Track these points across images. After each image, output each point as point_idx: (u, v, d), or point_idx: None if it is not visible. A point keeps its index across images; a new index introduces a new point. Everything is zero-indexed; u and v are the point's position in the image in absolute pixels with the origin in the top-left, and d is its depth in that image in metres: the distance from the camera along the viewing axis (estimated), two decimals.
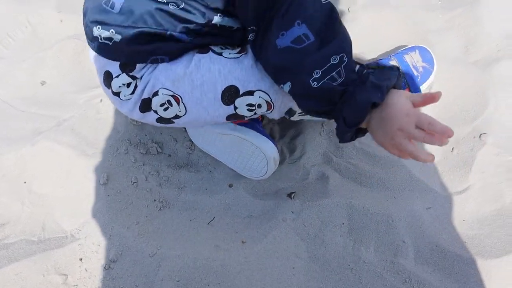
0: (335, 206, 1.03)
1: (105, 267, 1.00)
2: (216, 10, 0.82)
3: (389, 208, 1.03)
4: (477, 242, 1.02)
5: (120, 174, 1.11)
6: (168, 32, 0.82)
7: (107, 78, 0.91)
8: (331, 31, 0.76)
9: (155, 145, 1.15)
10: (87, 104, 1.22)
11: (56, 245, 1.03)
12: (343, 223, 1.02)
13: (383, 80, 0.76)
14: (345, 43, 0.78)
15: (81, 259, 1.01)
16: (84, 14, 0.86)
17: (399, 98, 0.75)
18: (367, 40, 1.33)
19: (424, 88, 1.18)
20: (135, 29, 0.81)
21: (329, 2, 0.76)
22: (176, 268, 0.98)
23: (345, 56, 0.75)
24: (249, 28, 0.80)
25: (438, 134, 0.73)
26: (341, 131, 0.81)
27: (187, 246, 1.00)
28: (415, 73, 1.13)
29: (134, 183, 1.10)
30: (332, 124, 1.14)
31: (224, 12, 0.83)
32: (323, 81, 0.75)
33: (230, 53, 0.88)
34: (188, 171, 1.13)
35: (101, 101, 1.23)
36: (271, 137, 1.05)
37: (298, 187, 1.10)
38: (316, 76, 0.75)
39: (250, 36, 0.81)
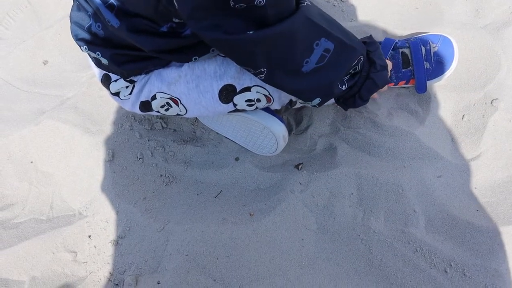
0: (344, 176, 1.02)
1: (113, 243, 1.00)
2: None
3: (399, 177, 1.01)
4: (489, 209, 1.00)
5: (125, 150, 1.10)
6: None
7: (106, 80, 0.90)
8: (340, 31, 0.77)
9: (160, 120, 1.13)
10: (89, 82, 1.20)
11: (64, 223, 1.03)
12: (352, 193, 1.01)
13: (382, 58, 0.87)
14: (357, 42, 0.82)
15: (89, 236, 1.01)
16: (71, 22, 0.81)
17: None
18: (373, 5, 1.29)
19: (434, 84, 1.12)
20: (119, 52, 0.79)
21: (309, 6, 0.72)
22: (185, 242, 0.97)
23: (363, 56, 0.82)
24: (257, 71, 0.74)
25: None
26: (353, 105, 0.91)
27: (195, 220, 1.00)
28: (427, 66, 1.07)
29: (139, 158, 1.09)
30: None
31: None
32: (349, 83, 0.84)
33: None
34: (194, 145, 1.11)
35: None
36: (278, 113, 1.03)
37: (305, 158, 1.08)
38: (344, 83, 0.83)
39: (259, 77, 0.76)
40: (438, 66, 1.07)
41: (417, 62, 1.05)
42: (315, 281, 0.94)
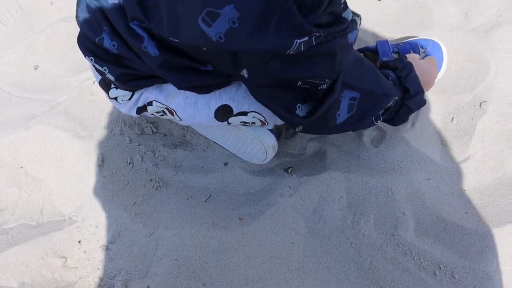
0: (333, 179, 1.02)
1: (103, 249, 1.00)
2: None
3: (388, 180, 1.02)
4: (478, 212, 1.00)
5: (115, 155, 1.10)
6: None
7: (105, 85, 0.87)
8: (369, 78, 0.81)
9: (150, 125, 1.13)
10: (80, 87, 1.20)
11: (54, 229, 1.03)
12: (341, 197, 1.01)
13: (415, 81, 0.88)
14: (390, 87, 0.84)
15: (79, 241, 1.01)
16: (78, 24, 0.77)
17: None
18: (363, 9, 1.29)
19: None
20: (127, 72, 0.77)
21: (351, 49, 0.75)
22: (174, 247, 0.97)
23: (392, 96, 0.83)
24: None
25: None
26: (393, 124, 0.95)
27: (184, 224, 1.00)
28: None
29: (130, 163, 1.09)
30: None
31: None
32: (383, 116, 0.87)
33: None
34: (184, 150, 1.11)
35: (94, 83, 1.21)
36: None
37: (295, 162, 1.09)
38: (379, 117, 0.85)
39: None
40: None
41: None
42: (304, 284, 0.94)
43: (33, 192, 1.09)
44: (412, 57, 1.00)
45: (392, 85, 0.86)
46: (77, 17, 0.76)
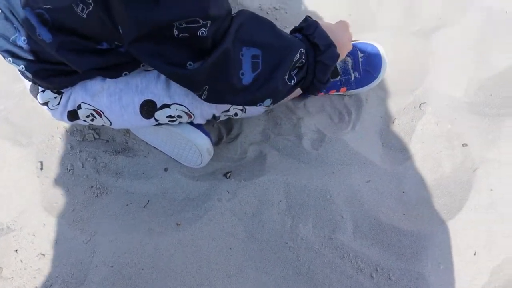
0: (272, 183, 1.02)
1: (40, 257, 0.98)
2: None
3: (327, 183, 1.02)
4: (416, 213, 1.01)
5: (55, 162, 1.08)
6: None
7: (34, 90, 0.88)
8: (268, 33, 0.75)
9: (92, 131, 1.12)
10: (22, 93, 1.18)
11: None
12: (280, 201, 1.01)
13: (323, 36, 0.80)
14: (290, 40, 0.77)
15: (16, 251, 0.99)
16: None
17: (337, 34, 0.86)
18: (306, 13, 1.30)
19: (362, 91, 1.11)
20: (44, 67, 0.77)
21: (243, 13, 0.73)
22: (110, 253, 0.96)
23: (303, 48, 0.77)
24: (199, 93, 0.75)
25: None
26: (316, 90, 0.85)
27: (121, 231, 0.99)
28: (355, 75, 1.07)
29: (70, 170, 1.07)
30: None
31: None
32: (298, 77, 0.79)
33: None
34: (126, 156, 1.10)
35: None
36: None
37: (235, 166, 1.08)
38: (293, 78, 0.78)
39: (202, 97, 0.76)
40: (366, 75, 1.07)
41: (344, 71, 1.06)
42: None
43: None
44: (321, 22, 0.90)
45: (295, 38, 0.80)
46: None
